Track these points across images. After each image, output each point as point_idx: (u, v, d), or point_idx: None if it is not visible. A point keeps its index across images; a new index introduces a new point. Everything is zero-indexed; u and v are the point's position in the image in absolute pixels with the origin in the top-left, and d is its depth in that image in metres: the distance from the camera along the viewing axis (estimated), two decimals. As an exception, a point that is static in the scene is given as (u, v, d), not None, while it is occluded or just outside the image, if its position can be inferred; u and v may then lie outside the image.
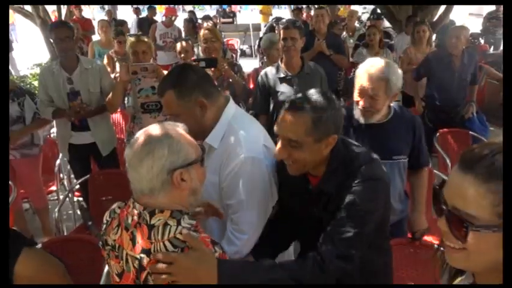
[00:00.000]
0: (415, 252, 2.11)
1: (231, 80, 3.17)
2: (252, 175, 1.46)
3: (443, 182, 0.81)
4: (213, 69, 3.10)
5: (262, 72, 3.09)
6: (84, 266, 2.12)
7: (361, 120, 1.95)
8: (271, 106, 3.02)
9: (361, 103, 1.90)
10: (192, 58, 3.53)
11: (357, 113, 1.95)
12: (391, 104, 2.00)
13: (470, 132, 3.78)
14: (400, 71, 1.93)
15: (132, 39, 3.09)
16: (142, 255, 1.09)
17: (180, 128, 1.18)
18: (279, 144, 1.34)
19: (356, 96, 1.94)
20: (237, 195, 1.48)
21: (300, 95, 1.35)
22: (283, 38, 2.91)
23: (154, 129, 1.16)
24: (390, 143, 1.97)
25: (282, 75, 2.96)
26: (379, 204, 1.32)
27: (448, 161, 3.42)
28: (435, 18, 6.04)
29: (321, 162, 1.37)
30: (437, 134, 3.73)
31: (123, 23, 6.59)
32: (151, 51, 3.07)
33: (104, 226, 1.25)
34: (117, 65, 4.36)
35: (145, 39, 3.09)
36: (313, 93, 1.33)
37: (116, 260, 1.19)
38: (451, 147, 3.77)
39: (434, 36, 4.76)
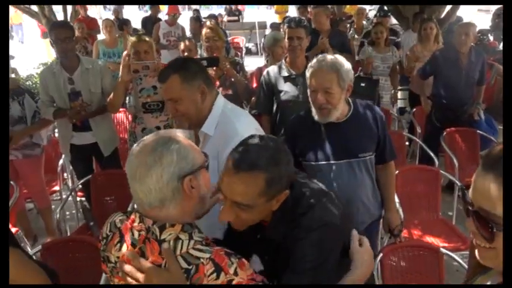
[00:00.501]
0: (419, 255, 2.08)
1: (233, 79, 3.14)
2: None
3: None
4: (215, 68, 3.06)
5: (264, 72, 3.05)
6: (84, 267, 2.15)
7: (321, 121, 1.91)
8: (275, 106, 2.98)
9: (317, 100, 1.87)
10: (195, 57, 3.50)
11: (315, 114, 1.91)
12: (350, 100, 1.98)
13: (478, 131, 3.72)
14: (348, 63, 1.92)
15: (133, 38, 3.05)
16: None
17: (181, 133, 1.13)
18: (224, 205, 1.18)
19: (311, 95, 1.92)
20: None
21: (245, 150, 1.15)
22: (288, 37, 2.85)
23: (157, 136, 1.10)
24: (353, 141, 1.93)
25: (285, 74, 2.90)
26: (328, 250, 1.20)
27: (455, 160, 3.36)
28: (443, 15, 5.94)
29: (269, 214, 1.25)
30: (445, 133, 3.67)
31: (126, 22, 6.59)
32: (153, 50, 3.01)
33: (104, 241, 1.16)
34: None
35: (147, 39, 3.03)
36: (263, 146, 1.15)
37: (121, 278, 1.11)
38: (459, 146, 3.71)
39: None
